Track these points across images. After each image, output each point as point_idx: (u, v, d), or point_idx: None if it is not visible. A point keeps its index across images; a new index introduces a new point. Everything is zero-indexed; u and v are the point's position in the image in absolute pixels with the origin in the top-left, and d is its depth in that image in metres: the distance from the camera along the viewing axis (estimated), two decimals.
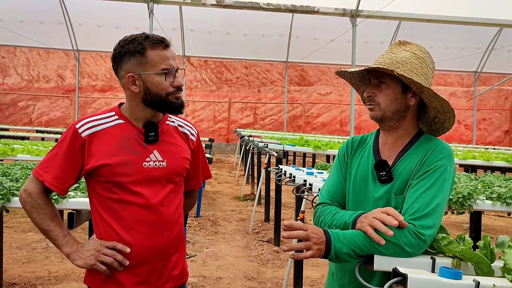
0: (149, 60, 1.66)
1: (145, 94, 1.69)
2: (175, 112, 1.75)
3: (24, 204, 1.70)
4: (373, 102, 1.65)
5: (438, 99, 1.59)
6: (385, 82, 1.63)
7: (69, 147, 1.67)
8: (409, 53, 1.63)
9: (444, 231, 1.60)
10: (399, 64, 1.59)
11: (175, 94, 1.71)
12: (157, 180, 1.73)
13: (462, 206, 2.54)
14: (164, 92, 1.69)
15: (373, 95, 1.65)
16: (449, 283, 1.23)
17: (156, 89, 1.68)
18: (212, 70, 22.11)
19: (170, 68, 1.68)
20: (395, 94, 1.62)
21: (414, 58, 1.61)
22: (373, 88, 1.65)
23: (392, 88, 1.62)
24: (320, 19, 11.71)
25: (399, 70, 1.56)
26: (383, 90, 1.63)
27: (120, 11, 12.58)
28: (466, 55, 14.38)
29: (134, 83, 1.68)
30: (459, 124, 19.72)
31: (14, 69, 21.54)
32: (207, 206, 7.96)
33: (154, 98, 1.69)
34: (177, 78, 1.71)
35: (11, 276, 4.29)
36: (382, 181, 1.66)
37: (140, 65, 1.67)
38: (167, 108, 1.73)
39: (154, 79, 1.67)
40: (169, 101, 1.70)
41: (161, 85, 1.68)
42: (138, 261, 1.70)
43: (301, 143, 6.31)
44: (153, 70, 1.66)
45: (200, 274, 4.53)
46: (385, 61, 1.61)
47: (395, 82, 1.61)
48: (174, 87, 1.70)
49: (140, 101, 1.71)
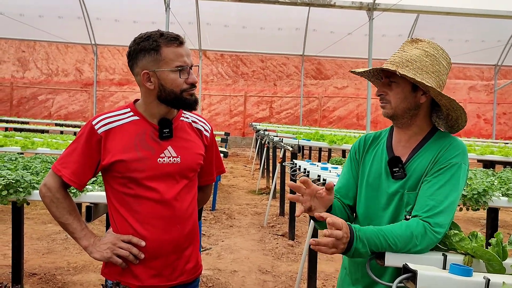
0: (163, 57, 1.69)
1: (159, 91, 1.72)
2: (189, 108, 1.78)
3: (44, 199, 1.75)
4: (384, 101, 1.68)
5: (444, 98, 1.59)
6: (395, 81, 1.65)
7: (86, 143, 1.71)
8: (419, 51, 1.64)
9: (457, 228, 1.61)
10: (408, 62, 1.60)
11: (189, 90, 1.73)
12: (171, 176, 1.76)
13: (477, 203, 2.52)
14: (178, 89, 1.71)
15: (384, 94, 1.68)
16: (459, 280, 1.24)
17: (170, 86, 1.70)
18: (228, 63, 22.15)
19: (185, 65, 1.71)
20: (404, 93, 1.64)
21: (424, 56, 1.62)
22: (384, 86, 1.68)
23: (401, 87, 1.64)
24: (336, 12, 11.62)
25: (405, 69, 1.58)
26: (393, 89, 1.66)
27: (137, 5, 12.69)
28: (486, 48, 14.10)
29: (149, 80, 1.71)
30: (479, 118, 19.41)
31: (34, 63, 21.90)
32: (222, 199, 8.02)
33: (168, 95, 1.72)
34: (191, 75, 1.73)
35: (32, 267, 4.40)
36: (396, 177, 1.68)
37: (155, 62, 1.69)
38: (181, 105, 1.75)
39: (168, 76, 1.70)
40: (183, 97, 1.73)
41: (176, 82, 1.70)
42: (153, 254, 1.74)
43: (316, 138, 6.30)
44: (167, 67, 1.69)
45: (215, 267, 4.59)
46: (395, 60, 1.64)
47: (404, 81, 1.63)
48: (188, 83, 1.73)
49: (155, 97, 1.74)
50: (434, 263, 1.47)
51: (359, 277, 1.75)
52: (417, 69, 1.60)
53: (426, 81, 1.58)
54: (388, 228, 1.52)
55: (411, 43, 1.69)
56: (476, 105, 19.78)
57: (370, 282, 1.69)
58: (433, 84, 1.60)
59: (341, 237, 1.42)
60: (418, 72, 1.59)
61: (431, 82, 1.60)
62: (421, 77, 1.59)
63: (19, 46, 21.94)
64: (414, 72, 1.59)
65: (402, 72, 1.57)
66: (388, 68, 1.60)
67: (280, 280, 4.36)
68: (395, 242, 1.48)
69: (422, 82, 1.56)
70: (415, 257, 1.48)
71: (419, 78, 1.57)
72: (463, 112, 1.65)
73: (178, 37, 1.72)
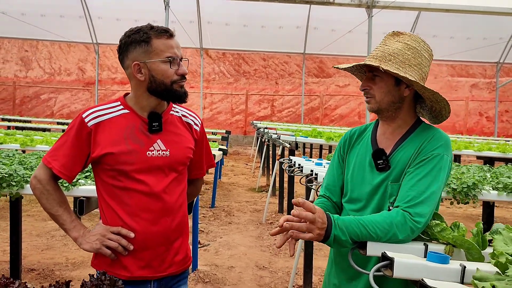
0: (154, 48, 1.72)
1: (150, 82, 1.74)
2: (179, 101, 1.80)
3: (34, 190, 1.78)
4: (368, 95, 1.70)
5: (428, 91, 1.61)
6: (378, 75, 1.66)
7: (76, 136, 1.74)
8: (401, 44, 1.65)
9: (440, 218, 1.63)
10: (390, 56, 1.62)
11: (179, 82, 1.76)
12: (160, 169, 1.78)
13: (467, 196, 2.54)
14: (168, 80, 1.74)
15: (368, 88, 1.69)
16: (436, 267, 1.26)
17: (161, 77, 1.73)
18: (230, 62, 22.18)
19: (175, 56, 1.73)
20: (388, 87, 1.66)
21: (406, 49, 1.64)
22: (368, 81, 1.70)
23: (385, 81, 1.66)
24: (337, 10, 11.63)
25: (387, 64, 1.60)
26: (377, 83, 1.67)
27: (138, 4, 12.74)
28: (488, 45, 14.07)
29: (140, 71, 1.74)
30: (481, 116, 19.36)
31: (36, 63, 22.01)
32: (222, 197, 8.06)
33: (159, 86, 1.74)
34: (182, 67, 1.76)
35: (31, 262, 4.45)
36: (380, 169, 1.69)
37: (146, 54, 1.72)
38: (171, 97, 1.78)
39: (159, 67, 1.73)
40: (173, 89, 1.75)
41: (166, 72, 1.73)
42: (142, 246, 1.76)
43: (314, 135, 6.32)
44: (158, 58, 1.72)
45: (213, 263, 4.62)
46: (378, 54, 1.65)
47: (387, 75, 1.64)
48: (179, 75, 1.75)
49: (145, 90, 1.77)
50: (415, 253, 1.49)
51: (345, 267, 1.77)
52: (399, 62, 1.61)
53: (409, 75, 1.60)
54: (368, 217, 1.54)
55: (393, 36, 1.70)
56: (478, 103, 19.72)
57: (354, 273, 1.71)
58: (416, 77, 1.62)
59: (314, 220, 1.46)
60: (400, 66, 1.61)
61: (414, 75, 1.61)
62: (404, 70, 1.60)
63: (22, 45, 22.06)
64: (397, 66, 1.61)
65: (385, 67, 1.58)
66: (371, 63, 1.62)
67: (277, 276, 4.39)
68: (375, 231, 1.50)
69: (405, 77, 1.58)
70: (396, 247, 1.50)
71: (402, 73, 1.59)
72: (446, 104, 1.67)
73: (168, 30, 1.75)
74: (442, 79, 20.57)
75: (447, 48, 14.02)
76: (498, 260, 1.15)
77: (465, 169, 3.32)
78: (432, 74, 21.08)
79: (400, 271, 1.26)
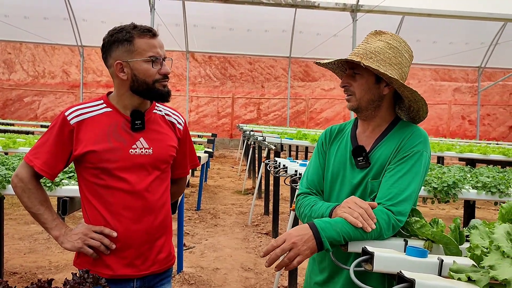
0: (136, 47, 1.72)
1: (132, 81, 1.74)
2: (161, 99, 1.80)
3: (15, 189, 1.77)
4: (349, 92, 1.71)
5: (407, 89, 1.64)
6: (359, 72, 1.68)
7: (58, 133, 1.73)
8: (383, 43, 1.67)
9: (419, 214, 1.66)
10: (372, 54, 1.64)
11: (161, 81, 1.76)
12: (143, 167, 1.78)
13: (447, 195, 2.58)
14: (151, 79, 1.74)
15: (348, 85, 1.71)
16: (414, 260, 1.28)
17: (143, 76, 1.73)
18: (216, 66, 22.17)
19: (158, 55, 1.74)
20: (368, 84, 1.68)
21: (387, 48, 1.66)
22: (348, 78, 1.71)
23: (365, 78, 1.67)
24: (322, 14, 11.73)
25: (368, 61, 1.62)
26: (357, 80, 1.69)
27: (124, 6, 12.67)
28: (470, 49, 14.31)
29: (122, 70, 1.74)
30: (463, 119, 19.66)
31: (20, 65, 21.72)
32: (208, 199, 8.04)
33: (141, 85, 1.74)
34: (164, 66, 1.77)
35: (13, 266, 4.38)
36: (360, 167, 1.71)
37: (128, 53, 1.72)
38: (154, 96, 1.78)
39: (141, 66, 1.73)
40: (156, 88, 1.76)
41: (148, 72, 1.73)
42: (124, 244, 1.76)
43: (298, 137, 6.37)
44: (140, 57, 1.72)
45: (198, 265, 4.61)
46: (359, 51, 1.67)
47: (368, 73, 1.66)
48: (161, 74, 1.76)
49: (127, 88, 1.77)
50: (396, 248, 1.51)
51: (326, 266, 1.79)
52: (380, 60, 1.64)
53: (389, 73, 1.63)
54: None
55: (375, 35, 1.73)
56: (461, 106, 20.03)
57: (335, 270, 1.73)
58: (396, 76, 1.64)
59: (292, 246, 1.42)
60: (381, 64, 1.64)
61: (394, 73, 1.64)
62: (384, 68, 1.63)
63: (5, 47, 21.76)
64: (378, 64, 1.63)
65: (366, 64, 1.61)
66: (353, 59, 1.64)
67: (262, 277, 4.40)
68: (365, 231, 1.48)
69: (385, 74, 1.60)
70: (377, 243, 1.52)
71: (382, 70, 1.61)
72: (424, 103, 1.70)
73: (151, 29, 1.75)
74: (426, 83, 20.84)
75: (430, 53, 14.23)
76: (474, 252, 1.18)
77: (446, 170, 3.38)
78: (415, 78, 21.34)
79: (380, 265, 1.28)
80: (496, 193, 2.80)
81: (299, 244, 1.43)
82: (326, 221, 1.49)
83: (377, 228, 1.51)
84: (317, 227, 1.46)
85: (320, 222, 1.48)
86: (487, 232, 1.33)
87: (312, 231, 1.45)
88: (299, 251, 1.43)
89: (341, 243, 1.48)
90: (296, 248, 1.43)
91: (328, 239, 1.45)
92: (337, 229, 1.46)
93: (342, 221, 1.49)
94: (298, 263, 1.45)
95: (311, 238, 1.44)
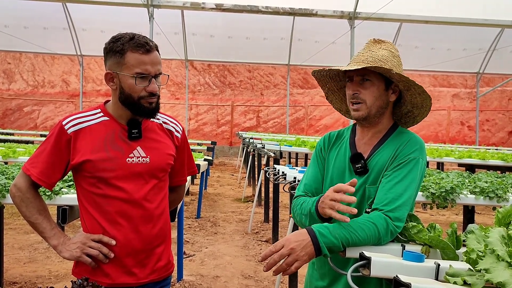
0: (126, 61, 1.70)
1: (120, 93, 1.75)
2: (146, 116, 1.79)
3: (14, 198, 1.77)
4: (358, 100, 1.68)
5: (421, 96, 1.65)
6: (370, 79, 1.66)
7: (56, 143, 1.74)
8: (387, 52, 1.69)
9: (416, 220, 1.67)
10: (381, 62, 1.63)
11: (147, 99, 1.74)
12: (140, 176, 1.79)
13: (445, 200, 2.59)
14: (136, 95, 1.72)
15: (358, 92, 1.67)
16: (411, 265, 1.29)
17: (129, 91, 1.73)
18: (215, 74, 22.25)
19: (145, 73, 1.71)
20: (379, 91, 1.67)
21: (392, 56, 1.68)
22: (357, 85, 1.68)
23: (376, 85, 1.67)
24: (320, 21, 11.78)
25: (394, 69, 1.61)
26: (368, 88, 1.66)
27: (123, 16, 12.72)
28: (467, 56, 14.37)
29: (112, 80, 1.75)
30: (463, 125, 19.69)
31: (19, 75, 21.79)
32: (208, 207, 8.03)
33: (126, 99, 1.74)
34: (152, 84, 1.73)
35: (12, 276, 4.37)
36: (358, 173, 1.72)
37: (118, 65, 1.72)
38: (138, 111, 1.76)
39: (127, 81, 1.72)
40: (140, 104, 1.74)
41: (134, 88, 1.72)
42: (123, 253, 1.76)
43: (297, 144, 6.38)
44: (127, 72, 1.71)
45: (198, 273, 4.59)
46: (368, 59, 1.65)
47: (379, 79, 1.66)
48: (148, 92, 1.73)
49: (117, 99, 1.78)
50: (393, 253, 1.51)
51: (325, 271, 1.79)
52: (392, 67, 1.65)
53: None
54: (353, 222, 1.52)
55: (375, 43, 1.74)
56: (460, 112, 20.07)
57: (334, 276, 1.74)
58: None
59: (291, 251, 1.43)
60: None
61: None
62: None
63: (5, 57, 21.84)
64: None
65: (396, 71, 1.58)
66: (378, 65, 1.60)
67: (263, 285, 4.38)
68: (364, 236, 1.49)
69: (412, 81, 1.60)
70: (375, 248, 1.52)
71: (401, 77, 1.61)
72: (428, 109, 1.72)
73: (146, 44, 1.72)
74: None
75: (428, 59, 14.29)
76: (470, 256, 1.18)
77: (445, 175, 3.39)
78: None
79: (377, 270, 1.29)
80: (494, 198, 2.81)
81: (297, 249, 1.44)
82: (324, 226, 1.50)
83: (376, 234, 1.52)
84: (315, 233, 1.47)
85: (319, 228, 1.49)
86: (483, 236, 1.34)
87: (310, 237, 1.46)
88: (297, 256, 1.44)
89: (339, 249, 1.48)
90: (294, 254, 1.44)
91: (326, 245, 1.46)
92: (335, 234, 1.47)
93: (339, 226, 1.50)
94: (296, 268, 1.46)
95: (309, 243, 1.45)
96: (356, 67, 1.62)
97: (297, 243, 1.45)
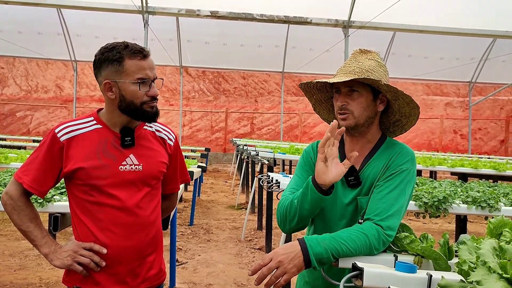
0: (125, 69, 1.72)
1: (120, 101, 1.75)
2: (148, 120, 1.81)
3: (5, 206, 1.76)
4: (346, 111, 1.67)
5: (409, 105, 1.66)
6: (357, 90, 1.66)
7: (48, 150, 1.73)
8: (373, 62, 1.69)
9: (409, 230, 1.67)
10: (368, 72, 1.64)
11: (149, 103, 1.76)
12: (133, 183, 1.78)
13: (438, 210, 2.60)
14: (138, 101, 1.74)
15: (346, 104, 1.67)
16: (404, 276, 1.29)
17: (130, 97, 1.74)
18: (210, 80, 22.26)
19: (146, 78, 1.73)
20: (367, 102, 1.67)
21: (378, 66, 1.68)
22: (345, 97, 1.68)
23: (364, 96, 1.67)
24: (315, 30, 11.85)
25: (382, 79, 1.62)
26: (356, 99, 1.66)
27: (118, 22, 12.73)
28: (460, 65, 14.50)
29: (111, 89, 1.75)
30: (455, 134, 19.81)
31: (13, 80, 21.68)
32: (201, 214, 8.00)
33: (128, 106, 1.75)
34: (153, 88, 1.76)
35: (3, 283, 4.32)
36: (351, 186, 1.71)
37: (117, 73, 1.73)
38: (141, 116, 1.78)
39: (129, 88, 1.73)
40: (143, 109, 1.76)
41: (136, 94, 1.73)
42: (115, 261, 1.75)
43: (291, 151, 6.39)
44: (128, 79, 1.72)
45: (190, 281, 4.57)
46: (355, 70, 1.65)
47: (367, 90, 1.66)
48: (149, 96, 1.75)
49: (116, 107, 1.77)
50: (386, 263, 1.51)
51: (317, 285, 1.78)
52: (380, 78, 1.66)
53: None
54: (343, 233, 1.52)
55: (361, 54, 1.74)
56: (452, 121, 20.20)
57: (328, 286, 1.73)
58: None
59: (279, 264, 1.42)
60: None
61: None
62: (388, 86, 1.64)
63: None
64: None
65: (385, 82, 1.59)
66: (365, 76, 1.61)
67: None
68: (355, 247, 1.49)
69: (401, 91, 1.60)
70: (367, 258, 1.52)
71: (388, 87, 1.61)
72: (415, 118, 1.73)
73: (142, 50, 1.75)
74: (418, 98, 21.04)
75: (421, 68, 14.41)
76: (462, 268, 1.18)
77: (437, 184, 3.41)
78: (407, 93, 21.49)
79: (370, 281, 1.28)
80: (486, 207, 2.83)
81: (285, 262, 1.43)
82: (314, 238, 1.50)
83: (367, 244, 1.51)
84: (306, 244, 1.47)
85: (309, 239, 1.49)
86: (475, 248, 1.34)
87: (301, 248, 1.46)
88: (285, 269, 1.43)
89: (330, 260, 1.48)
90: (282, 267, 1.43)
91: (316, 257, 1.45)
92: (325, 246, 1.46)
93: (330, 238, 1.49)
94: (286, 281, 1.45)
95: (298, 255, 1.45)
96: (344, 79, 1.62)
97: (284, 255, 1.45)
